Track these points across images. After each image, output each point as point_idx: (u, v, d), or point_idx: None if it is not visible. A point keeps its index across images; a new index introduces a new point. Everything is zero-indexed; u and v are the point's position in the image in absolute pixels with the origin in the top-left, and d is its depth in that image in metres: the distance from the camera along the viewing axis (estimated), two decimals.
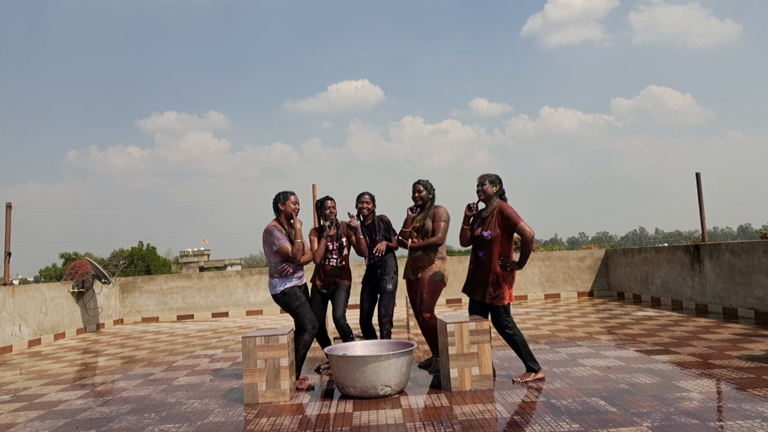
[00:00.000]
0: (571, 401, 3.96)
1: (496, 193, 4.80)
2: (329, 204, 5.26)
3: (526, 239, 4.53)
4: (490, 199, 4.80)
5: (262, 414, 4.07)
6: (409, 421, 3.72)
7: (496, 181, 4.80)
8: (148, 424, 3.99)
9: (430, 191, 5.22)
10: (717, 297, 8.35)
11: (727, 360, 5.02)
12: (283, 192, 4.98)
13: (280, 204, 4.90)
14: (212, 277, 12.22)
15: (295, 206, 4.92)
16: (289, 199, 4.91)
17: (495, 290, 4.67)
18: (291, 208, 4.89)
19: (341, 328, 5.17)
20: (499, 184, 4.83)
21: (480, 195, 4.83)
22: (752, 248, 7.64)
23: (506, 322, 4.69)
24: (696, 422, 3.38)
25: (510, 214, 4.61)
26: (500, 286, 4.66)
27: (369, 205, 5.45)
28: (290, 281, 4.89)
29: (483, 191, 4.80)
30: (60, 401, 4.86)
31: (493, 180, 4.80)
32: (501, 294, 4.67)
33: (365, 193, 5.49)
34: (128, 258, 41.68)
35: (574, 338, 6.63)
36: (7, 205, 10.52)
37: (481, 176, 4.87)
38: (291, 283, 4.89)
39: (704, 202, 11.27)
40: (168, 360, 6.70)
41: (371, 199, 5.49)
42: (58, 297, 9.63)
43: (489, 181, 4.79)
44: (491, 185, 4.78)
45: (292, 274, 4.90)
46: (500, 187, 4.83)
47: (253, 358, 4.38)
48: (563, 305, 10.49)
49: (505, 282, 4.68)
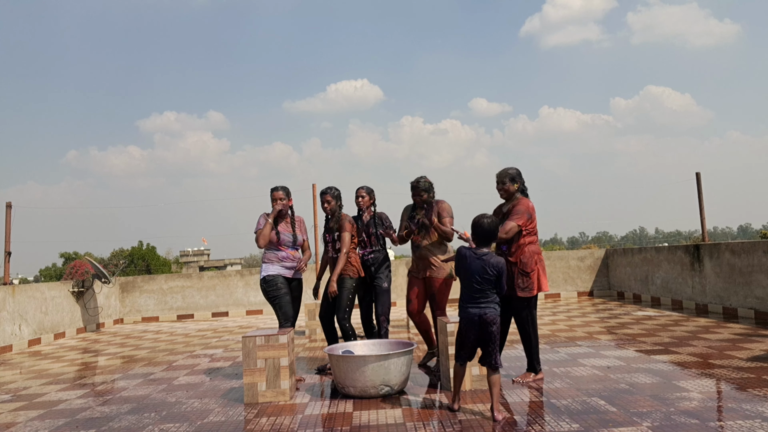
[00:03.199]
0: (571, 401, 3.96)
1: (518, 190, 4.73)
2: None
3: (502, 228, 4.47)
4: (512, 196, 4.74)
5: (262, 414, 4.07)
6: (409, 421, 3.72)
7: (516, 177, 4.71)
8: (148, 423, 3.99)
9: (431, 191, 5.19)
10: (717, 297, 8.35)
11: (727, 360, 5.02)
12: (272, 187, 5.20)
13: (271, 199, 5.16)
14: (212, 276, 12.22)
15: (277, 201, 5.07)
16: (272, 195, 5.10)
17: (524, 281, 4.54)
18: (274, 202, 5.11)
19: (342, 329, 5.18)
20: (520, 180, 4.74)
21: (502, 194, 4.76)
22: (752, 248, 7.64)
23: (529, 316, 4.59)
24: (696, 422, 3.38)
25: (519, 209, 4.56)
26: (528, 276, 4.53)
27: (364, 198, 5.45)
28: (273, 269, 5.01)
29: (504, 190, 4.72)
30: (60, 401, 4.86)
31: (513, 176, 4.70)
32: (530, 284, 4.54)
33: (362, 186, 5.53)
34: (128, 258, 41.70)
35: (574, 338, 6.63)
36: (7, 205, 10.52)
37: (500, 174, 4.75)
38: (274, 271, 5.00)
39: (704, 202, 11.27)
40: (168, 359, 6.70)
41: (367, 192, 5.49)
42: (58, 296, 9.63)
43: (509, 179, 4.70)
44: (511, 183, 4.69)
45: (278, 261, 5.01)
46: (521, 183, 4.76)
47: (253, 358, 4.38)
48: (563, 305, 10.49)
49: (533, 270, 4.54)
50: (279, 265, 5.05)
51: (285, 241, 5.09)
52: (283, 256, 5.06)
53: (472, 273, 3.73)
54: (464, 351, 3.82)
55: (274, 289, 4.97)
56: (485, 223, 3.81)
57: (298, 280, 5.23)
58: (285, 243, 5.09)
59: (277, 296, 4.97)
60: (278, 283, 4.98)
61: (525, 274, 4.54)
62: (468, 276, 3.76)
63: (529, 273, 4.53)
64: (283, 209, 5.06)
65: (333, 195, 5.28)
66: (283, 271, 5.05)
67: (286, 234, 5.11)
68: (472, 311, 3.71)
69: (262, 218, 5.05)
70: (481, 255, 3.75)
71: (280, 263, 5.05)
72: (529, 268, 4.54)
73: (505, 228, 4.48)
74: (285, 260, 5.06)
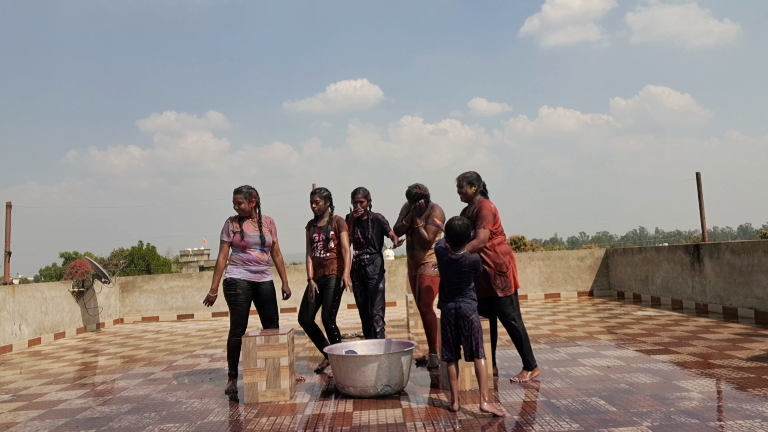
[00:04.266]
0: (571, 401, 3.96)
1: (476, 192, 4.83)
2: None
3: (477, 238, 4.52)
4: (471, 199, 4.85)
5: (262, 413, 4.07)
6: (409, 421, 3.72)
7: (474, 181, 4.82)
8: (148, 423, 3.99)
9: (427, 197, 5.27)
10: (717, 297, 8.35)
11: (727, 360, 5.02)
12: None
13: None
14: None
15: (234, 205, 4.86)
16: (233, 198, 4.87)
17: (502, 281, 4.65)
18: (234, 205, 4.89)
19: (327, 330, 5.22)
20: (478, 183, 4.84)
21: (462, 198, 4.90)
22: (752, 248, 7.64)
23: (513, 313, 4.67)
24: (696, 422, 3.38)
25: (484, 215, 4.64)
26: (505, 275, 4.65)
27: (363, 203, 5.43)
28: (236, 271, 4.83)
29: (463, 193, 4.85)
30: (60, 401, 4.86)
31: (471, 180, 4.82)
32: (508, 283, 4.66)
33: (359, 190, 5.47)
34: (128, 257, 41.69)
35: (574, 338, 6.63)
36: (7, 205, 10.52)
37: (459, 178, 4.89)
38: (236, 275, 4.82)
39: (704, 202, 11.27)
40: (168, 359, 6.70)
41: (364, 196, 5.46)
42: (58, 296, 9.62)
43: (467, 182, 4.82)
44: (469, 186, 4.82)
45: (242, 264, 4.84)
46: (479, 186, 4.85)
47: (253, 358, 4.38)
48: (563, 305, 10.49)
49: (508, 269, 4.68)
50: (243, 268, 4.83)
51: (250, 243, 4.84)
52: (247, 258, 4.83)
53: (449, 271, 3.98)
54: (447, 347, 3.95)
55: (233, 294, 4.78)
56: (457, 225, 3.99)
57: (268, 282, 4.97)
58: (251, 245, 4.84)
59: (233, 301, 4.78)
60: (237, 288, 4.77)
61: (502, 274, 4.66)
62: (445, 274, 4.02)
63: (505, 272, 4.66)
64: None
65: (322, 195, 5.30)
66: (247, 275, 4.83)
67: (252, 235, 4.85)
68: (449, 305, 3.96)
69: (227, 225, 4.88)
70: (457, 257, 3.95)
71: (244, 266, 4.83)
72: (505, 267, 4.66)
73: (480, 238, 4.56)
74: (249, 263, 4.83)
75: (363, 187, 5.52)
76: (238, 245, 4.83)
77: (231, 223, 4.88)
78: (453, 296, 3.96)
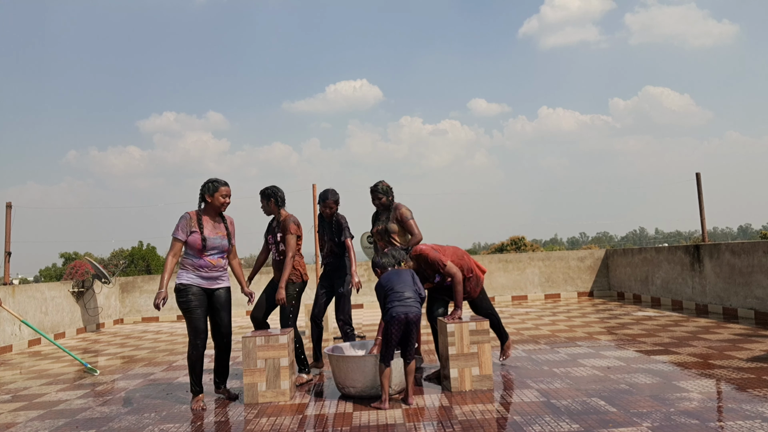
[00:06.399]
0: (571, 401, 3.96)
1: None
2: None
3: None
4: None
5: (262, 414, 4.07)
6: (409, 421, 3.72)
7: (388, 192, 5.38)
8: (148, 423, 3.99)
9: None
10: (717, 297, 8.35)
11: (727, 360, 5.02)
12: (213, 180, 4.43)
13: (207, 195, 4.40)
14: None
15: (224, 199, 4.43)
16: (219, 191, 4.40)
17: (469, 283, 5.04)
18: (219, 201, 4.41)
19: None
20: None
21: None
22: (752, 248, 7.64)
23: (488, 303, 5.18)
24: (696, 422, 3.38)
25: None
26: (469, 279, 5.02)
27: (332, 209, 5.34)
28: (186, 277, 4.31)
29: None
30: (60, 401, 4.86)
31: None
32: (475, 281, 5.07)
33: (329, 195, 5.33)
34: (128, 258, 41.65)
35: (574, 338, 6.63)
36: (7, 205, 10.51)
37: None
38: (186, 280, 4.30)
39: (704, 203, 11.27)
40: (168, 360, 6.70)
41: (335, 202, 5.33)
42: (58, 297, 9.63)
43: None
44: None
45: (193, 269, 4.33)
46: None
47: (253, 358, 4.38)
48: (563, 305, 10.49)
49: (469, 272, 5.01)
50: (194, 274, 4.32)
51: (211, 247, 4.36)
52: (200, 264, 4.32)
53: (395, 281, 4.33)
54: (390, 350, 4.15)
55: (185, 301, 4.26)
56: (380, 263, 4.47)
57: (225, 288, 4.49)
58: (211, 250, 4.36)
59: (187, 309, 4.28)
60: (189, 294, 4.26)
61: (467, 279, 4.98)
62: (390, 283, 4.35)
63: (469, 277, 4.99)
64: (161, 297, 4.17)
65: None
66: (199, 281, 4.33)
67: (214, 238, 4.37)
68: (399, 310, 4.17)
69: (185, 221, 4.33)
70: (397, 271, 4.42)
71: (195, 271, 4.32)
72: (466, 273, 4.96)
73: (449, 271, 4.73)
74: (201, 269, 4.33)
75: (332, 191, 5.37)
76: (194, 247, 4.31)
77: (190, 220, 4.34)
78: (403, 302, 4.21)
